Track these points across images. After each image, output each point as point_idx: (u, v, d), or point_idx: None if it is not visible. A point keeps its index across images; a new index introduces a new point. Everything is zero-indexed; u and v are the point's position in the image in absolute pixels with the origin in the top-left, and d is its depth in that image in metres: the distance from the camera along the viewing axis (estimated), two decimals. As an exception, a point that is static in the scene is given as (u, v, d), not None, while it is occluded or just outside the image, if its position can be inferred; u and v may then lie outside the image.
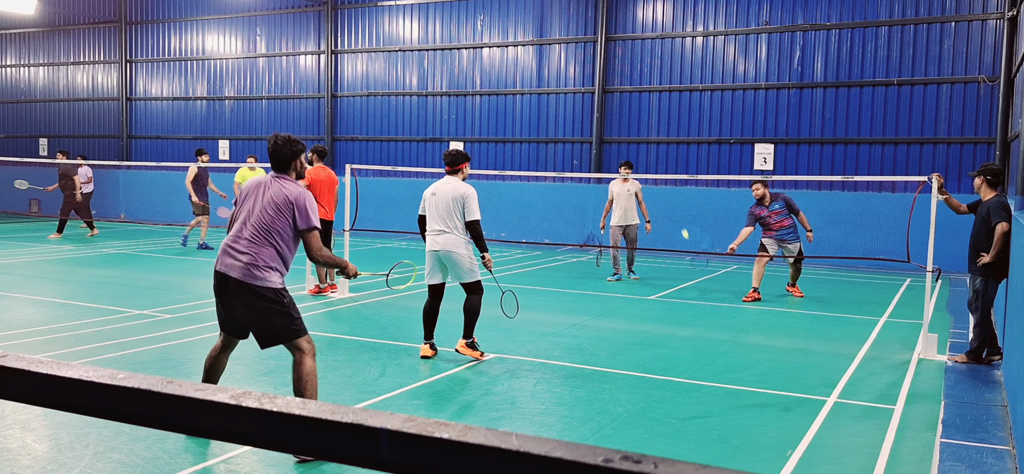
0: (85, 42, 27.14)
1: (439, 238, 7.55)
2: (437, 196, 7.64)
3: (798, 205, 12.17)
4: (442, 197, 7.59)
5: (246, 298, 5.04)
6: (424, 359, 7.75)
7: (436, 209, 7.60)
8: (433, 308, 7.79)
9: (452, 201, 7.54)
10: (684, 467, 0.86)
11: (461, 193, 7.56)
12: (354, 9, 22.55)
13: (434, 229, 7.60)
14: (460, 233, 7.55)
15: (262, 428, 1.04)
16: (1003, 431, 5.89)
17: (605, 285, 12.93)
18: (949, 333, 9.55)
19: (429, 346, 7.80)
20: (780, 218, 11.82)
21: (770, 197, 11.86)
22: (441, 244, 7.54)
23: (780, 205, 11.82)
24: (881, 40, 16.97)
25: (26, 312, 9.78)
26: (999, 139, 15.68)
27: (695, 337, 9.17)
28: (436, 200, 7.62)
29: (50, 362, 1.16)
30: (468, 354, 7.71)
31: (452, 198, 7.55)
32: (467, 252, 7.59)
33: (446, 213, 7.54)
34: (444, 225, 7.55)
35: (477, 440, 0.93)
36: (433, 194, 7.68)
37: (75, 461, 4.88)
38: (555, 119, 20.17)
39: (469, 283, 7.64)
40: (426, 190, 7.79)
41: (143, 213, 24.61)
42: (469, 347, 7.73)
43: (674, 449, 5.55)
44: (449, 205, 7.54)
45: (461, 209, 7.55)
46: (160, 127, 25.87)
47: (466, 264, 7.57)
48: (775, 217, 11.82)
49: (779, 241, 11.92)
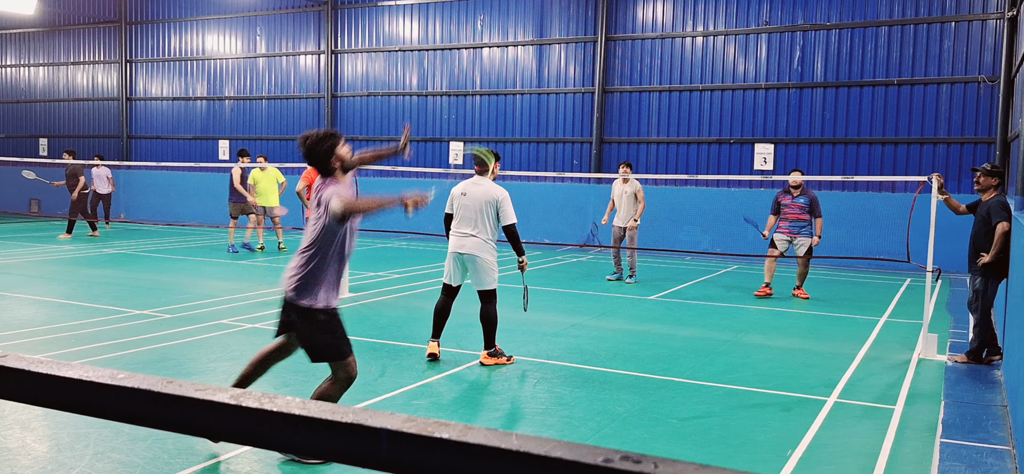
0: (85, 42, 27.14)
1: (467, 241, 7.27)
2: (468, 197, 7.31)
3: (821, 212, 12.38)
4: (474, 199, 7.27)
5: None
6: (431, 358, 7.58)
7: (466, 210, 7.29)
8: (446, 306, 7.56)
9: (485, 204, 7.24)
10: (684, 467, 0.86)
11: (495, 196, 7.25)
12: (354, 9, 22.55)
13: (461, 232, 7.30)
14: (490, 238, 7.29)
15: (262, 428, 1.04)
16: (1003, 431, 5.89)
17: (605, 285, 12.93)
18: (949, 333, 9.55)
19: (437, 344, 7.61)
20: (798, 211, 12.14)
21: (800, 191, 12.15)
22: (468, 247, 7.27)
23: (804, 200, 12.13)
24: (881, 40, 16.97)
25: (26, 312, 9.78)
26: (999, 139, 15.68)
27: (695, 337, 9.16)
28: (466, 201, 7.31)
29: (50, 362, 1.16)
30: (494, 363, 7.46)
31: (485, 201, 7.24)
32: (493, 258, 7.34)
33: (478, 215, 7.24)
34: (473, 228, 7.25)
35: (477, 440, 0.93)
36: (463, 194, 7.36)
37: (75, 461, 4.88)
38: (555, 119, 20.18)
39: (486, 291, 7.37)
40: (454, 188, 7.46)
41: (143, 213, 24.61)
42: (493, 356, 7.48)
43: (674, 449, 5.55)
44: (482, 208, 7.24)
45: (494, 213, 7.26)
46: (160, 127, 25.87)
47: (490, 271, 7.33)
48: (795, 208, 12.13)
49: (789, 232, 12.20)
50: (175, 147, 25.49)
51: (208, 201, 23.64)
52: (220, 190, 23.67)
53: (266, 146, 23.63)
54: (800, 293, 12.34)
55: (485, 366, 7.46)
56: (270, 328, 9.09)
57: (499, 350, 7.56)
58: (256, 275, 13.68)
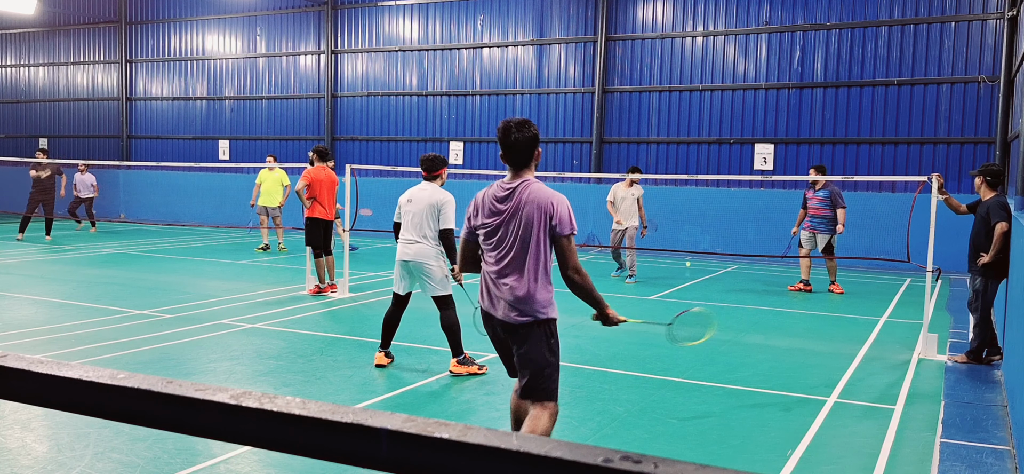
0: (85, 42, 27.14)
1: (410, 248, 7.20)
2: (413, 203, 7.26)
3: (844, 204, 12.77)
4: (418, 204, 7.23)
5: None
6: (379, 368, 7.40)
7: (411, 217, 7.24)
8: (394, 316, 7.45)
9: (428, 208, 7.18)
10: (684, 467, 0.86)
11: (437, 200, 7.19)
12: (354, 9, 22.55)
13: (406, 238, 7.24)
14: (433, 243, 7.20)
15: (262, 428, 1.04)
16: (1003, 431, 5.89)
17: (605, 285, 12.93)
18: (949, 333, 9.55)
19: (384, 354, 7.47)
20: (818, 206, 12.62)
21: (821, 185, 12.62)
22: (412, 254, 7.19)
23: (825, 194, 12.61)
24: (881, 40, 16.97)
25: (26, 312, 9.78)
26: (999, 139, 15.67)
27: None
28: (412, 208, 7.25)
29: (50, 362, 1.16)
30: (464, 371, 7.25)
31: (428, 204, 7.19)
32: (438, 264, 7.20)
33: (421, 220, 7.18)
34: (417, 234, 7.19)
35: (477, 440, 0.93)
36: (409, 200, 7.30)
37: (75, 461, 4.88)
38: (555, 119, 20.18)
39: (440, 297, 7.21)
40: (402, 196, 7.42)
41: (143, 213, 24.61)
42: (462, 364, 7.27)
43: (674, 449, 5.55)
44: (424, 213, 7.19)
45: (436, 217, 7.19)
46: (160, 127, 25.87)
47: (437, 275, 7.18)
48: (816, 201, 12.65)
49: (811, 228, 12.74)
50: (175, 147, 25.49)
51: (208, 201, 23.64)
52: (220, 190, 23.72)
53: (266, 146, 23.64)
54: (834, 288, 12.84)
55: (456, 376, 7.23)
56: (270, 328, 9.10)
57: (468, 357, 7.31)
58: (256, 275, 13.68)
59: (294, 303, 10.75)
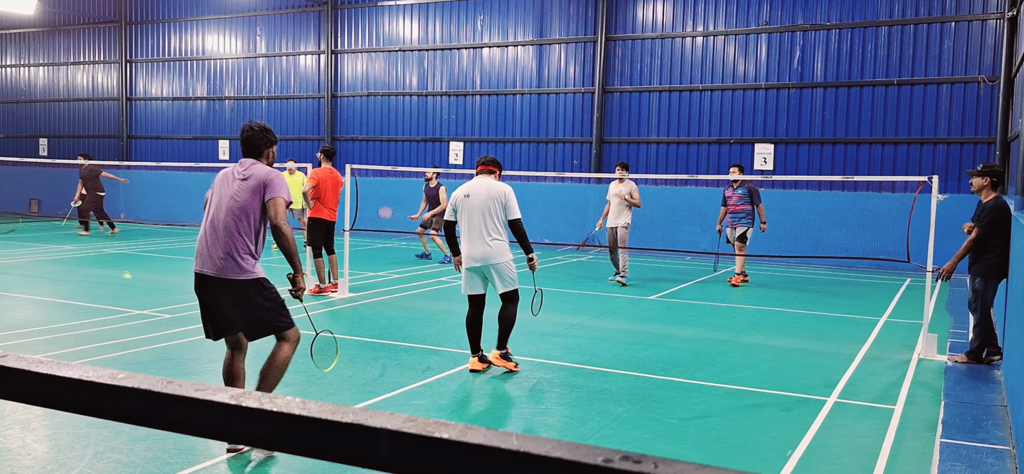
0: (85, 42, 27.14)
1: (477, 252, 6.96)
2: (472, 198, 7.00)
3: (761, 199, 13.60)
4: (478, 198, 6.98)
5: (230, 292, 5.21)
6: (473, 373, 7.22)
7: (471, 214, 6.98)
8: (476, 318, 7.23)
9: (491, 201, 6.96)
10: (684, 467, 0.86)
11: (500, 191, 6.98)
12: (354, 9, 22.55)
13: (471, 243, 6.99)
14: (502, 238, 7.00)
15: (262, 428, 1.04)
16: (1003, 431, 5.89)
17: (605, 285, 12.92)
18: (949, 333, 9.55)
19: (478, 359, 7.25)
20: (737, 202, 13.28)
21: (740, 183, 13.30)
22: (479, 259, 6.97)
23: (743, 191, 13.28)
24: (881, 40, 16.97)
25: (26, 312, 9.78)
26: (999, 139, 15.68)
27: (695, 337, 9.17)
28: (471, 202, 6.99)
29: (50, 362, 1.16)
30: (503, 365, 7.21)
31: (490, 197, 6.96)
32: (509, 258, 7.03)
33: (486, 214, 6.95)
34: (484, 232, 6.95)
35: (477, 440, 0.93)
36: (466, 195, 7.04)
37: (75, 461, 4.88)
38: (555, 119, 20.17)
39: (508, 292, 7.11)
40: (456, 191, 7.16)
41: (143, 213, 24.62)
42: (504, 359, 7.22)
43: (674, 449, 5.55)
44: (488, 206, 6.96)
45: (501, 208, 6.99)
46: (160, 127, 25.87)
47: (509, 273, 7.05)
48: (735, 198, 13.31)
49: (732, 223, 13.40)
50: (175, 147, 25.49)
51: (208, 201, 23.61)
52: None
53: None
54: (734, 281, 13.33)
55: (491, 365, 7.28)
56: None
57: (509, 353, 7.29)
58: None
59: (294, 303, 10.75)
